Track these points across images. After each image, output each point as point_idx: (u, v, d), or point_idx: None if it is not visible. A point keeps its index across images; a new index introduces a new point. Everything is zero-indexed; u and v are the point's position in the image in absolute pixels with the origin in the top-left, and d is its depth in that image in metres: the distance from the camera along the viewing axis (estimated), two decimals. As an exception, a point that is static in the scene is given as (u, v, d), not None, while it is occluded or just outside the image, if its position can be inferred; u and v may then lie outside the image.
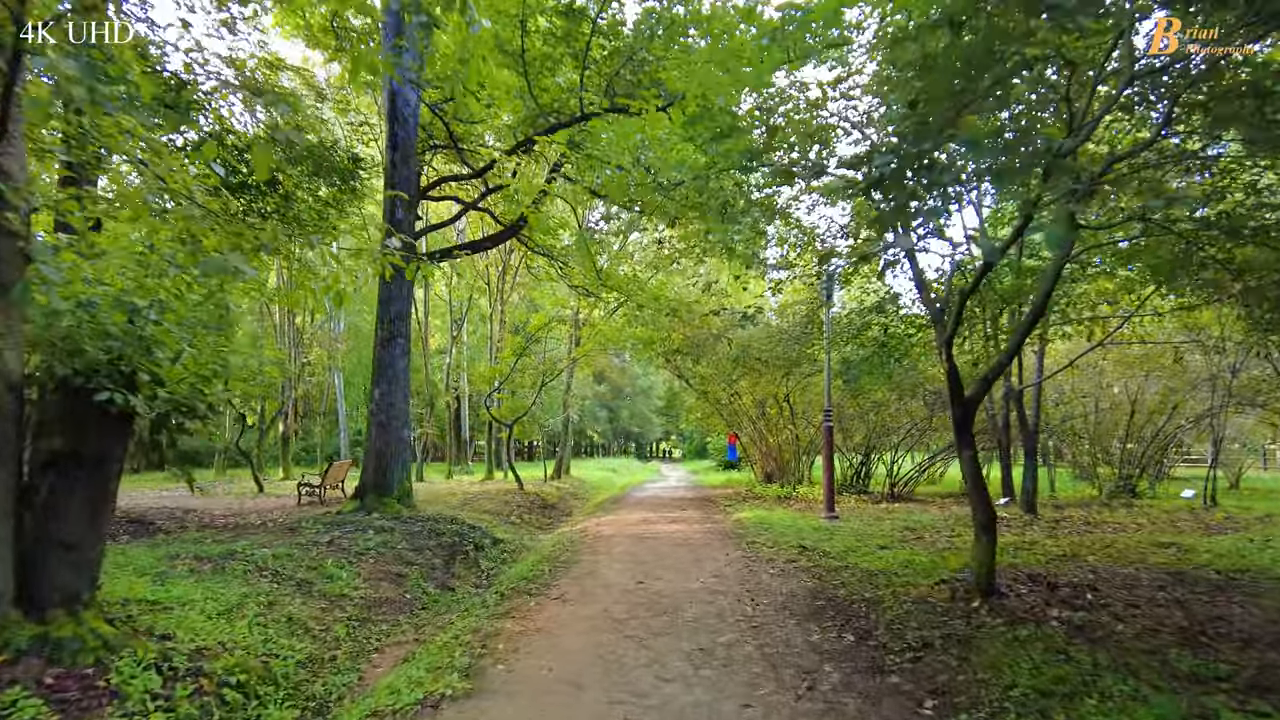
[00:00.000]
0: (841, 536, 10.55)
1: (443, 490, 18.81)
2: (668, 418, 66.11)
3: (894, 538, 10.29)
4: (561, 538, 11.66)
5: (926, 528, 11.56)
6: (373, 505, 10.91)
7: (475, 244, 13.51)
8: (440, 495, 16.87)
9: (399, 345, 11.36)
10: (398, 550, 9.31)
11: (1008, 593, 5.94)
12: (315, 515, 10.96)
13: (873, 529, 11.46)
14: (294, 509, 14.02)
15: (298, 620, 6.35)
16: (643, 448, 77.37)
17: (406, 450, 11.38)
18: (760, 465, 19.75)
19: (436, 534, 10.40)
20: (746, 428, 20.20)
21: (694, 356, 18.37)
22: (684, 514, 14.84)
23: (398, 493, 11.12)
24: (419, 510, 11.48)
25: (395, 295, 11.42)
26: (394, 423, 11.20)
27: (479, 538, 11.02)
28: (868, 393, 15.68)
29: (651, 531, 11.91)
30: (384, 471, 11.13)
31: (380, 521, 10.26)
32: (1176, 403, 17.08)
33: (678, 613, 6.35)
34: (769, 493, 17.42)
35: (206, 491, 19.33)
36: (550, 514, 17.28)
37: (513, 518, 14.82)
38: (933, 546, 9.37)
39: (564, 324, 24.89)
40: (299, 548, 8.58)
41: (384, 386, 11.27)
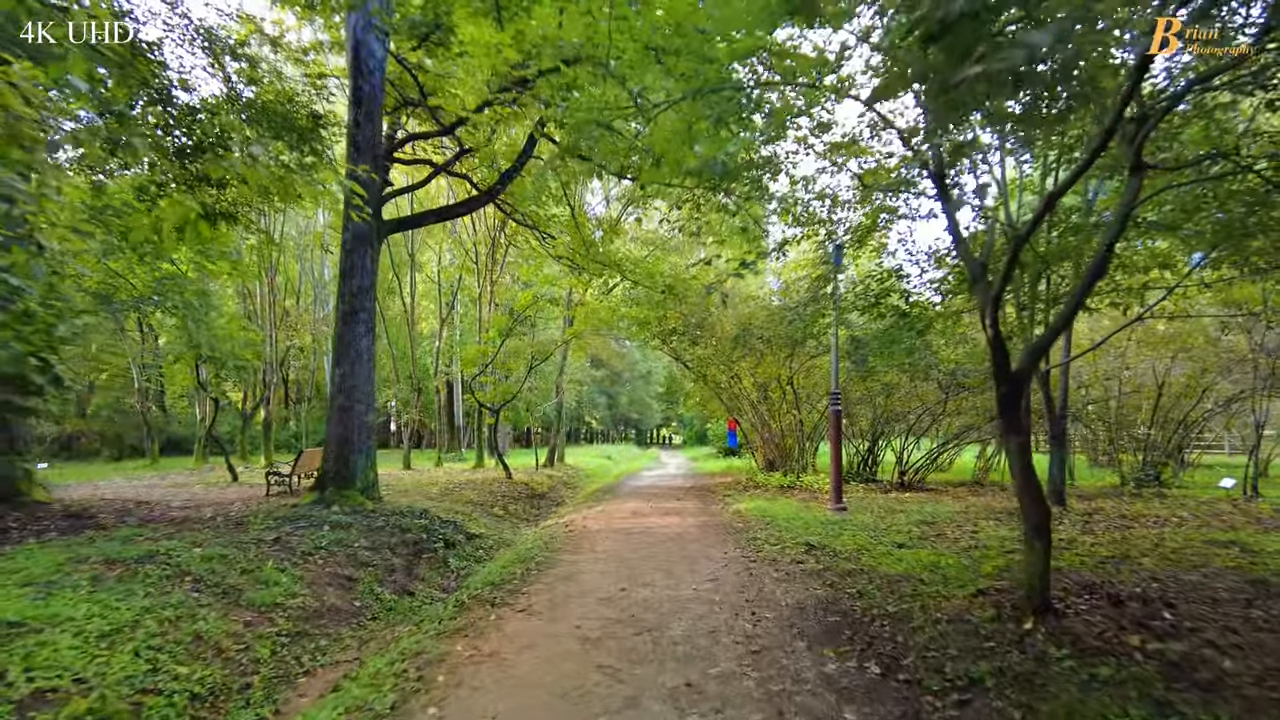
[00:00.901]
0: (852, 532, 9.50)
1: (425, 479, 17.78)
2: (668, 403, 65.17)
3: (911, 533, 9.24)
4: (543, 533, 10.62)
5: (945, 521, 10.51)
6: (332, 498, 9.86)
7: (446, 210, 12.36)
8: (421, 484, 15.85)
9: (362, 321, 10.26)
10: (353, 549, 8.27)
11: (1064, 610, 4.87)
12: (271, 508, 9.91)
13: (886, 523, 10.41)
14: (260, 500, 12.99)
15: (208, 639, 5.30)
16: (643, 434, 76.45)
17: (370, 437, 10.31)
18: (762, 452, 18.69)
19: (401, 530, 9.35)
20: (747, 413, 19.13)
21: (691, 337, 17.26)
22: (680, 505, 13.79)
23: (360, 483, 10.06)
24: (385, 503, 10.43)
25: (357, 267, 10.31)
26: (356, 407, 10.12)
27: (450, 533, 9.98)
28: (877, 374, 14.59)
29: (643, 525, 10.86)
30: (345, 460, 10.07)
31: (338, 516, 9.21)
32: (1206, 385, 16.01)
33: (663, 630, 5.29)
34: (771, 481, 16.38)
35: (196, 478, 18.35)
36: (538, 505, 16.25)
37: (495, 509, 13.79)
38: (957, 545, 8.31)
39: (557, 305, 23.80)
40: (238, 547, 7.54)
41: (345, 367, 10.19)
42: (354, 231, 10.41)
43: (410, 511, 10.16)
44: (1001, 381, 5.11)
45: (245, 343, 18.81)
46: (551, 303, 24.25)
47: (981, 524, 9.96)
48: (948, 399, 15.17)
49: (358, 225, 10.41)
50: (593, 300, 19.28)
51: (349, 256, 10.39)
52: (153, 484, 18.23)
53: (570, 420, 56.06)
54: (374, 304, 10.59)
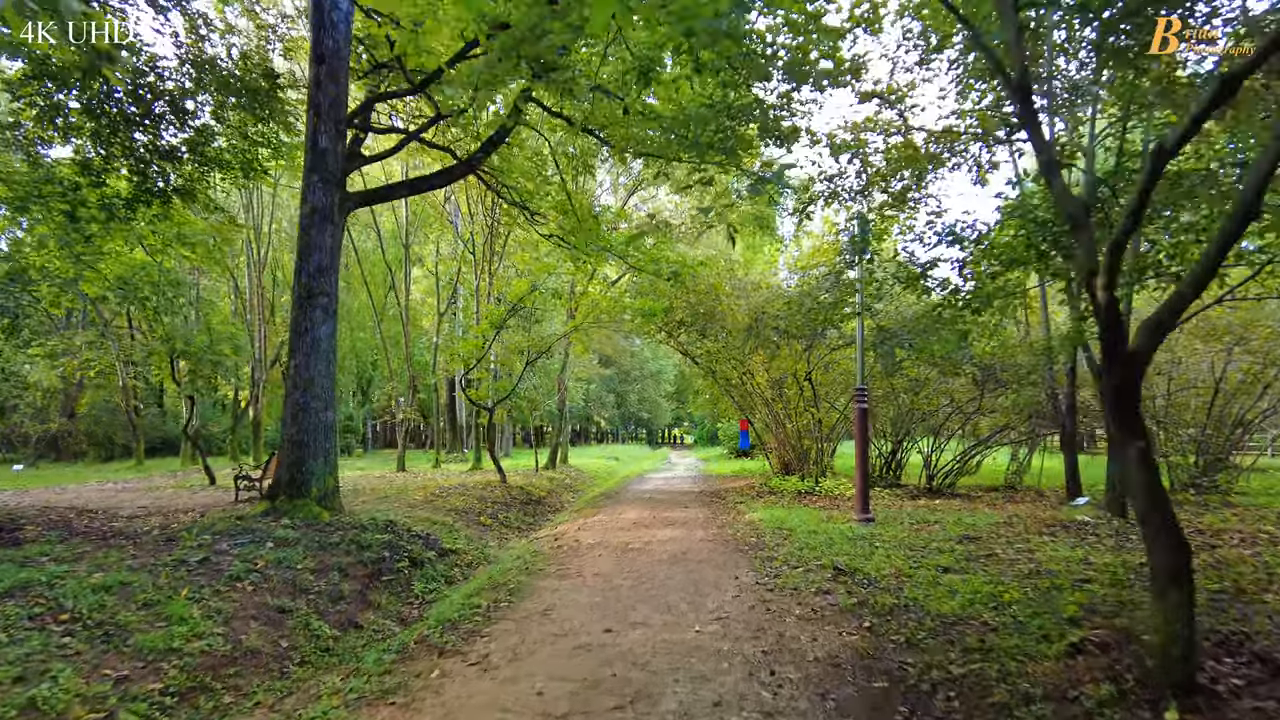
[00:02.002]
0: (885, 550, 8.12)
1: (414, 483, 16.52)
2: (679, 402, 63.80)
3: (955, 552, 7.84)
4: (528, 549, 9.30)
5: (990, 536, 9.10)
6: (284, 508, 8.58)
7: (420, 181, 11.05)
8: (406, 490, 14.58)
9: (320, 306, 8.98)
10: (295, 572, 6.97)
11: (1215, 685, 3.48)
12: (213, 520, 8.64)
13: (921, 538, 9.01)
14: (224, 506, 11.79)
15: (49, 709, 4.01)
16: (653, 434, 75.12)
17: (330, 439, 9.03)
18: (777, 454, 17.29)
19: (359, 546, 8.06)
20: (760, 412, 17.73)
21: (699, 329, 15.88)
22: (687, 514, 12.44)
23: (316, 492, 8.78)
24: (347, 514, 9.14)
25: (317, 244, 9.03)
26: (313, 404, 8.84)
27: (419, 550, 8.68)
28: (905, 369, 13.18)
29: (643, 540, 9.52)
30: (300, 466, 8.79)
31: (286, 530, 7.93)
32: (1268, 381, 14.47)
33: (654, 701, 3.96)
34: (787, 486, 14.99)
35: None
36: (533, 512, 14.95)
37: (483, 518, 12.49)
38: (1014, 570, 6.91)
39: (559, 298, 22.50)
40: (150, 571, 6.27)
41: (300, 358, 8.91)
42: (312, 205, 9.13)
43: (374, 524, 8.86)
44: (1115, 366, 3.71)
45: (224, 337, 17.63)
46: (554, 295, 22.98)
47: (1034, 540, 8.54)
48: (983, 395, 13.73)
49: (317, 198, 9.14)
50: (595, 291, 17.94)
51: (306, 233, 9.12)
52: (124, 488, 17.09)
53: (577, 420, 54.79)
54: (336, 287, 9.31)
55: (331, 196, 9.22)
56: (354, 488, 15.52)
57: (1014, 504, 13.19)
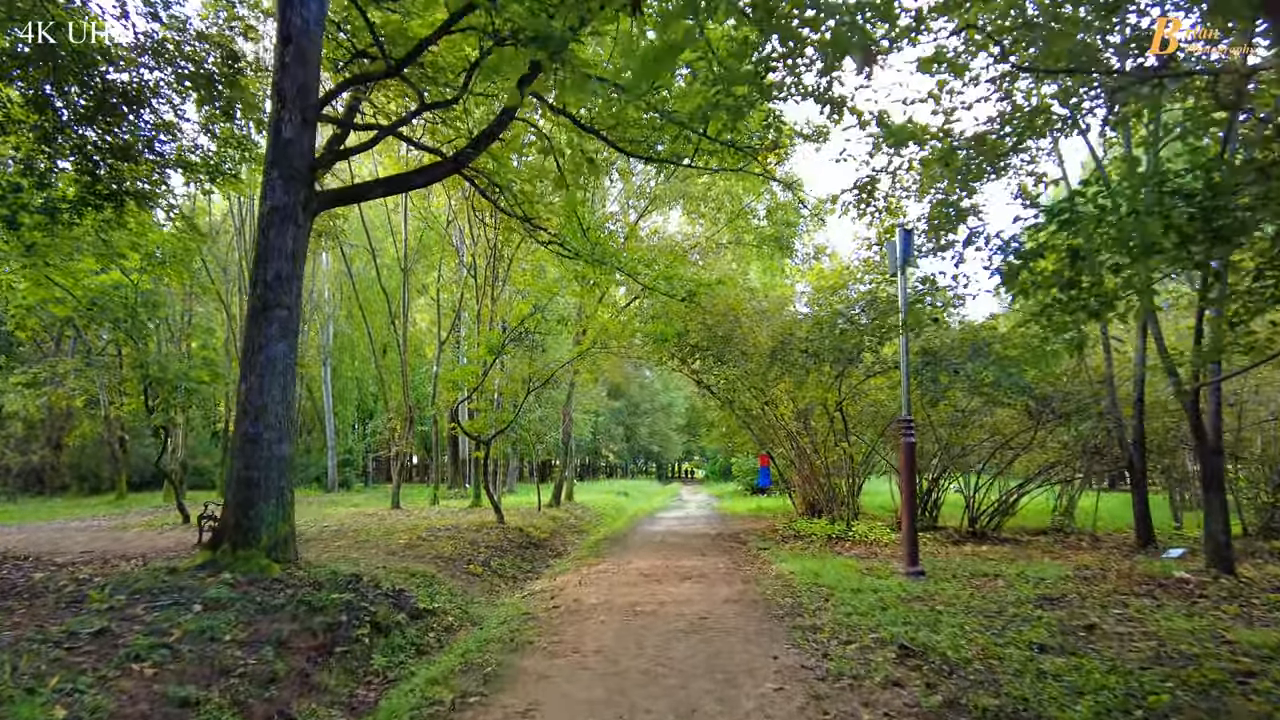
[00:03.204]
0: (953, 617, 6.60)
1: (402, 523, 15.05)
2: (690, 435, 62.15)
3: (1043, 622, 6.30)
4: (517, 611, 7.81)
5: (1071, 595, 7.55)
6: (226, 560, 7.16)
7: (397, 180, 9.78)
8: (391, 531, 13.10)
9: (277, 320, 7.65)
10: (218, 645, 5.53)
11: None
12: (136, 576, 7.21)
13: (990, 599, 7.48)
14: (184, 550, 10.41)
15: None
16: (663, 468, 73.31)
17: (284, 477, 7.61)
18: (801, 493, 15.73)
19: (310, 609, 6.60)
20: (782, 446, 16.22)
21: (716, 354, 14.47)
22: (704, 563, 10.91)
23: (266, 540, 7.35)
24: (300, 566, 7.68)
25: (275, 249, 7.74)
26: (265, 435, 7.47)
27: (386, 611, 7.21)
28: (951, 397, 11.71)
29: (654, 599, 8.02)
30: (248, 509, 7.37)
31: (220, 590, 6.50)
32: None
33: None
34: (815, 530, 13.41)
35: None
36: (532, 557, 13.42)
37: (473, 566, 11.00)
38: (1132, 650, 5.39)
39: (565, 323, 21.21)
40: (18, 650, 4.86)
41: (252, 380, 7.56)
42: (272, 203, 7.88)
43: (334, 580, 7.41)
44: None
45: (202, 363, 16.38)
46: (559, 322, 21.72)
47: (1134, 605, 6.98)
48: (1037, 428, 12.21)
49: (277, 196, 7.89)
50: (603, 315, 16.63)
51: (264, 236, 7.84)
52: (88, 526, 15.74)
53: (585, 453, 53.21)
54: (298, 299, 7.98)
55: (295, 195, 7.96)
56: (338, 528, 14.10)
57: (1075, 552, 11.59)
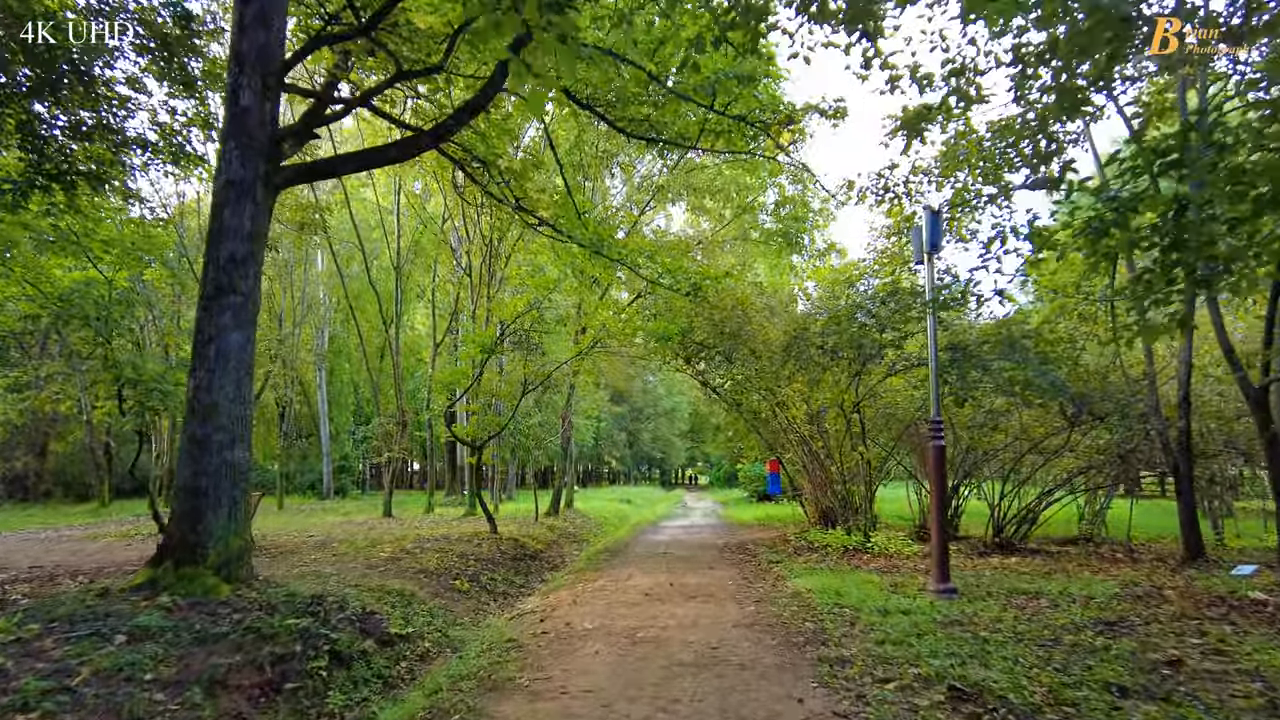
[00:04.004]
0: (1001, 646, 5.69)
1: (389, 533, 14.17)
2: (693, 441, 61.21)
3: (1111, 654, 5.38)
4: (499, 638, 6.91)
5: (1134, 620, 6.61)
6: (167, 580, 6.27)
7: (371, 154, 8.84)
8: (375, 542, 12.22)
9: (231, 308, 6.78)
10: (136, 686, 4.64)
11: None
12: (57, 600, 6.31)
13: (1038, 623, 6.56)
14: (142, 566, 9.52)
15: None
16: (666, 474, 72.30)
17: (239, 485, 6.72)
18: (813, 501, 14.78)
19: (259, 637, 5.70)
20: (794, 450, 15.27)
21: (724, 352, 13.54)
22: (711, 578, 9.99)
23: (216, 557, 6.45)
24: (254, 585, 6.77)
25: (230, 228, 6.88)
26: (215, 438, 6.58)
27: (350, 638, 6.31)
28: (978, 398, 10.78)
29: (656, 623, 7.11)
30: (195, 521, 6.48)
31: (152, 616, 5.60)
32: None
33: None
34: (830, 541, 12.46)
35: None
36: (526, 570, 12.50)
37: (459, 581, 10.09)
38: (1229, 691, 4.47)
39: (564, 324, 20.36)
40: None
41: (201, 376, 6.68)
42: (228, 178, 7.02)
43: (292, 602, 6.50)
44: None
45: (181, 365, 15.48)
46: (558, 322, 20.85)
47: (1213, 632, 6.05)
48: (1072, 431, 11.26)
49: (234, 169, 7.04)
50: (603, 313, 15.73)
51: (218, 214, 6.98)
52: (57, 537, 14.88)
53: (587, 459, 52.26)
54: (256, 286, 7.11)
55: (254, 168, 7.10)
56: (322, 539, 13.23)
57: (1114, 565, 10.66)
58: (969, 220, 12.99)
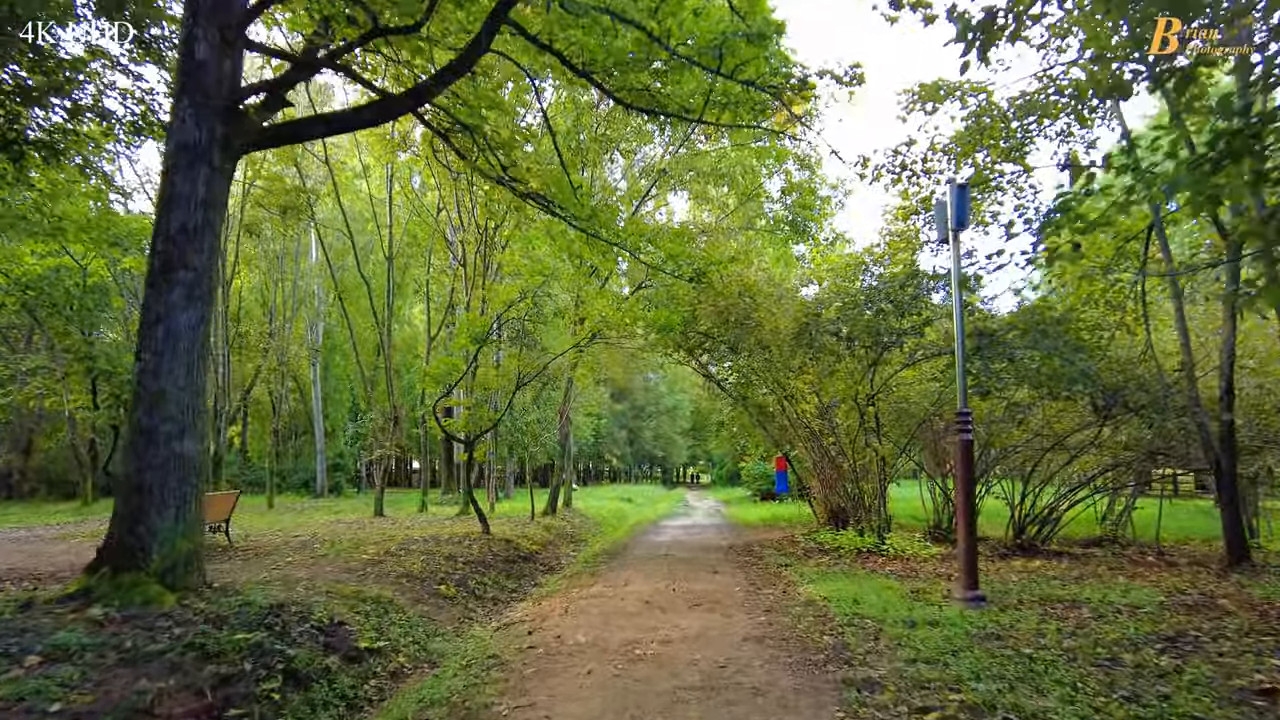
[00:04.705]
0: (1054, 666, 4.97)
1: (378, 533, 13.43)
2: (695, 439, 60.49)
3: (1187, 679, 4.64)
4: (480, 654, 6.18)
5: (1197, 635, 5.87)
6: (103, 588, 5.54)
7: (344, 116, 8.08)
8: (359, 542, 11.48)
9: (182, 284, 6.05)
10: (38, 716, 3.92)
11: None
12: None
13: (1086, 637, 5.82)
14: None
15: None
16: (668, 473, 71.59)
17: (188, 482, 5.99)
18: (822, 500, 14.05)
19: (202, 655, 4.97)
20: (802, 447, 14.54)
21: (730, 342, 12.79)
22: (717, 584, 9.26)
23: (160, 561, 5.72)
24: (205, 593, 6.03)
25: (181, 195, 6.15)
26: (163, 428, 5.86)
27: (311, 653, 5.58)
28: (1004, 390, 10.04)
29: (657, 635, 6.38)
30: (137, 521, 5.75)
31: (74, 632, 4.88)
32: None
33: None
34: (842, 542, 11.73)
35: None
36: (519, 573, 11.78)
37: (445, 586, 9.36)
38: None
39: (561, 316, 19.65)
40: None
41: (147, 359, 5.96)
42: (180, 140, 6.30)
43: (245, 612, 5.77)
44: None
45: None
46: (555, 314, 20.13)
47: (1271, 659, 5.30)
48: (1104, 424, 10.52)
49: (187, 130, 6.31)
50: (601, 303, 14.98)
51: (169, 179, 6.25)
52: (27, 536, 14.15)
53: (588, 458, 51.53)
54: (212, 261, 6.37)
55: (209, 130, 6.37)
56: (306, 539, 12.49)
57: (1149, 569, 9.91)
58: (990, 203, 12.27)
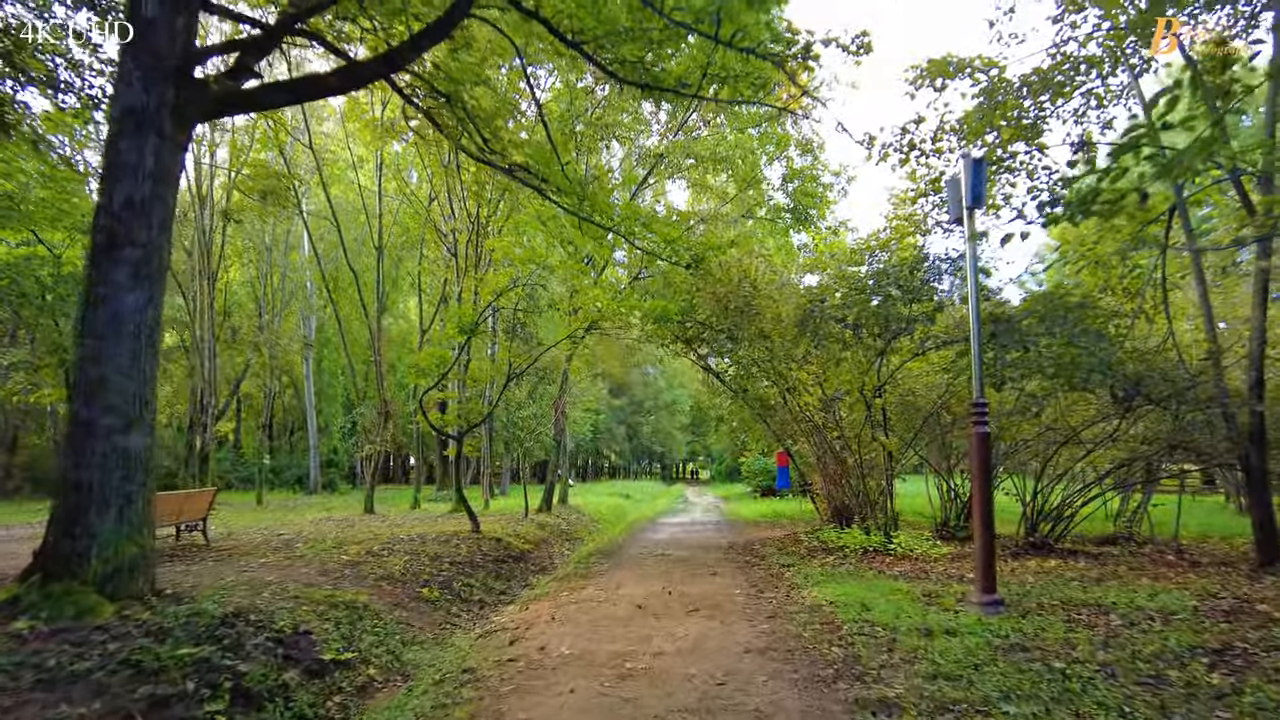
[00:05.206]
0: (1091, 684, 4.44)
1: (364, 531, 12.90)
2: (694, 435, 60.02)
3: (1246, 702, 4.11)
4: (455, 668, 5.65)
5: (1231, 640, 5.34)
6: (32, 597, 5.00)
7: (310, 82, 7.47)
8: (343, 541, 10.95)
9: (128, 263, 5.50)
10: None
11: None
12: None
13: (1121, 648, 5.29)
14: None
15: None
16: (667, 468, 71.12)
17: (135, 480, 5.44)
18: (825, 497, 13.52)
19: (138, 673, 4.44)
20: (804, 442, 14.01)
21: (729, 331, 12.23)
22: (716, 586, 8.73)
23: (100, 567, 5.18)
24: (150, 601, 5.48)
25: (127, 165, 5.60)
26: (104, 421, 5.32)
27: (266, 668, 5.04)
28: (1021, 380, 9.50)
29: (649, 645, 5.84)
30: (75, 522, 5.22)
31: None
32: None
33: None
34: (846, 541, 11.20)
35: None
36: (509, 574, 11.25)
37: (428, 589, 8.83)
38: None
39: (555, 307, 19.10)
40: None
41: (89, 344, 5.42)
42: (126, 104, 5.74)
43: (194, 623, 5.22)
44: None
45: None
46: (549, 305, 19.58)
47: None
48: (1124, 417, 9.98)
49: (135, 94, 5.76)
50: (595, 292, 14.43)
51: (114, 148, 5.70)
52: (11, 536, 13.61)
53: (586, 454, 51.03)
54: (162, 235, 5.81)
55: (159, 94, 5.82)
56: (290, 538, 11.96)
57: (1171, 570, 9.38)
58: (1001, 185, 11.72)
